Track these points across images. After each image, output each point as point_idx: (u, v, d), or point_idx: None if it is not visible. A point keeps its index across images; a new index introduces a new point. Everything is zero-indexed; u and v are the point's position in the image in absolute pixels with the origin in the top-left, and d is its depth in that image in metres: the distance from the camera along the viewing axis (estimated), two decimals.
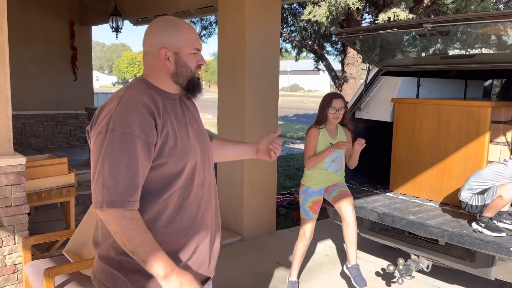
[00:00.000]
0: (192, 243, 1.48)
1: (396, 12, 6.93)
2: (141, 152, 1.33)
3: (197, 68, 1.50)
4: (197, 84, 1.51)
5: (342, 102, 3.09)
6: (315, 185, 3.18)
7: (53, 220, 4.55)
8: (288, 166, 8.20)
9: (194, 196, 1.47)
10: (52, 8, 8.45)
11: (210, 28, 10.76)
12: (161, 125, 1.38)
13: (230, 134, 4.37)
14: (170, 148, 1.40)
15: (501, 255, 2.60)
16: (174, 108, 1.48)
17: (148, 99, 1.41)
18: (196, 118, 1.60)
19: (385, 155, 3.99)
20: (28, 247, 2.65)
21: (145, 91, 1.44)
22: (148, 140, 1.35)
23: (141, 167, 1.34)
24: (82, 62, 9.06)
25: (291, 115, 21.71)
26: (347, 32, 3.82)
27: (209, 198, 1.54)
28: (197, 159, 1.48)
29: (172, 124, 1.42)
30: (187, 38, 1.47)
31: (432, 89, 4.14)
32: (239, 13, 4.19)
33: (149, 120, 1.36)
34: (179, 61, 1.46)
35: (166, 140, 1.39)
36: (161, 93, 1.47)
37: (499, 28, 3.61)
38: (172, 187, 1.41)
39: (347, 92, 8.34)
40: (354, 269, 3.11)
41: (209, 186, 1.55)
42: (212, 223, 1.57)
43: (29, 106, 8.39)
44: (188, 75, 1.48)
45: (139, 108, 1.36)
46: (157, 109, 1.40)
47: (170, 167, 1.40)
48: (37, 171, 3.51)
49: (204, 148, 1.55)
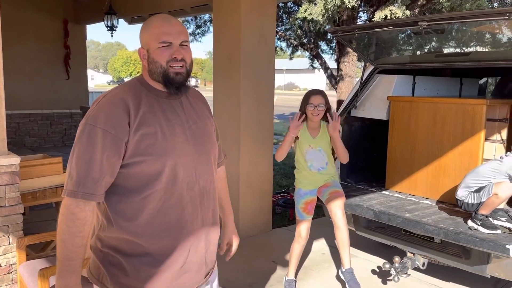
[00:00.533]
0: (176, 246, 1.45)
1: (393, 9, 6.93)
2: (108, 147, 1.35)
3: (171, 61, 1.43)
4: (172, 79, 1.44)
5: (321, 99, 3.02)
6: (305, 187, 3.18)
7: (48, 220, 4.52)
8: (284, 164, 8.20)
9: (178, 199, 1.44)
10: (46, 6, 8.41)
11: (204, 26, 10.71)
12: (136, 123, 1.38)
13: (226, 133, 4.36)
14: (147, 146, 1.38)
15: (497, 253, 2.61)
16: (165, 106, 1.47)
17: (130, 97, 1.41)
18: (200, 118, 1.56)
19: (381, 153, 3.99)
20: (22, 247, 2.63)
21: (133, 89, 1.45)
22: (117, 135, 1.35)
23: (106, 162, 1.35)
24: (77, 61, 9.03)
25: (287, 114, 21.70)
26: (342, 30, 3.82)
27: (200, 202, 1.50)
28: (179, 160, 1.43)
29: (154, 123, 1.41)
30: (153, 33, 1.44)
31: (428, 87, 4.14)
32: (234, 11, 4.17)
33: (121, 116, 1.36)
34: (149, 58, 1.45)
35: (142, 138, 1.38)
36: (154, 91, 1.47)
37: (494, 26, 3.62)
38: (151, 186, 1.40)
39: (343, 91, 8.34)
40: (348, 273, 3.11)
41: (201, 190, 1.50)
42: (206, 228, 1.53)
43: (24, 105, 8.34)
44: (159, 70, 1.44)
45: (114, 104, 1.39)
46: (137, 107, 1.40)
47: (148, 165, 1.39)
48: (31, 170, 3.48)
49: (201, 149, 1.51)
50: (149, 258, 1.43)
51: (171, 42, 1.43)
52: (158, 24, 1.45)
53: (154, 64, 1.44)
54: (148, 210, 1.41)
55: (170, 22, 1.45)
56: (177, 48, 1.44)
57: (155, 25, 1.45)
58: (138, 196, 1.40)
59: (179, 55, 1.43)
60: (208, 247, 1.56)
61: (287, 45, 10.47)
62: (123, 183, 1.41)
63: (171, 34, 1.43)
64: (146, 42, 1.46)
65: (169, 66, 1.43)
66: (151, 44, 1.44)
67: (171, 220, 1.44)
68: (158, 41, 1.42)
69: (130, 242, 1.42)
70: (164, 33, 1.43)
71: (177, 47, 1.44)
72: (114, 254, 1.44)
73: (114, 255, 1.44)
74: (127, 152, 1.38)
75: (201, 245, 1.52)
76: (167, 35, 1.43)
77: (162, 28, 1.43)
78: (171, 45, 1.43)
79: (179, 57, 1.43)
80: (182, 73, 1.45)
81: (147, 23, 1.49)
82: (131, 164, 1.38)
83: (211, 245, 1.58)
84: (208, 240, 1.55)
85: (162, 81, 1.45)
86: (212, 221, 1.57)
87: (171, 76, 1.44)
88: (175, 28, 1.44)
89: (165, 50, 1.43)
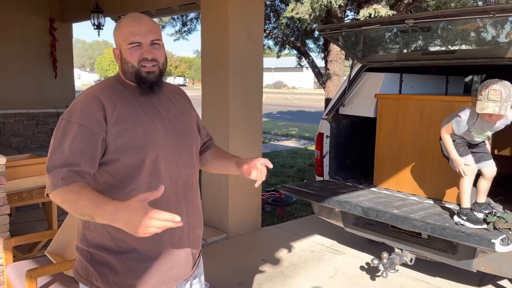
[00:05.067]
0: (162, 240, 1.45)
1: (377, 8, 6.98)
2: (83, 139, 1.34)
3: (143, 61, 1.42)
4: (144, 78, 1.43)
5: None
6: None
7: (35, 220, 4.47)
8: (273, 163, 8.18)
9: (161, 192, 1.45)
10: (31, 4, 8.30)
11: (191, 24, 10.66)
12: (114, 119, 1.38)
13: (215, 131, 4.35)
14: (127, 141, 1.39)
15: (482, 247, 2.65)
16: (144, 102, 1.47)
17: (106, 94, 1.42)
18: (180, 112, 1.57)
19: (369, 151, 4.02)
20: (9, 248, 2.60)
21: (109, 87, 1.46)
22: (94, 129, 1.35)
23: (80, 151, 1.34)
24: (63, 60, 8.92)
25: (274, 112, 21.75)
26: (330, 29, 3.84)
27: (184, 195, 1.52)
28: (161, 153, 1.44)
29: (133, 118, 1.41)
30: (122, 34, 1.44)
31: (414, 85, 4.19)
32: (222, 10, 4.16)
33: (97, 112, 1.37)
34: (122, 58, 1.46)
35: (122, 134, 1.38)
36: (131, 88, 1.48)
37: (479, 24, 3.67)
38: (134, 181, 1.41)
39: (331, 89, 8.38)
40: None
41: (185, 183, 1.52)
42: (190, 222, 1.54)
43: (9, 105, 8.23)
44: (131, 70, 1.44)
45: (89, 100, 1.40)
46: (114, 103, 1.40)
47: (130, 160, 1.40)
48: (17, 171, 3.44)
49: (182, 142, 1.52)
50: (136, 254, 1.44)
51: (140, 42, 1.42)
52: (127, 24, 1.44)
53: (126, 65, 1.45)
54: None
55: (139, 21, 1.44)
56: (147, 47, 1.43)
57: (124, 25, 1.45)
58: (122, 191, 1.40)
59: (149, 55, 1.42)
60: (193, 239, 1.57)
61: (274, 44, 10.48)
62: (106, 180, 1.42)
63: (140, 34, 1.42)
64: (118, 43, 1.46)
65: (140, 65, 1.43)
66: (123, 44, 1.44)
67: None
68: (127, 42, 1.42)
69: (116, 239, 1.43)
70: (133, 33, 1.42)
71: (147, 46, 1.43)
72: (100, 253, 1.44)
73: (101, 254, 1.44)
74: (108, 149, 1.38)
75: (187, 238, 1.53)
76: (135, 36, 1.42)
77: (131, 28, 1.43)
78: (141, 45, 1.42)
79: (149, 57, 1.42)
80: (154, 72, 1.44)
81: (118, 23, 1.49)
82: (113, 160, 1.39)
83: (196, 237, 1.59)
84: (193, 232, 1.56)
85: (134, 81, 1.46)
86: (197, 213, 1.59)
87: (143, 76, 1.43)
88: (144, 27, 1.43)
89: (135, 50, 1.42)
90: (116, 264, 1.43)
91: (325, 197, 3.47)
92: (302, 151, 9.88)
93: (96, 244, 1.45)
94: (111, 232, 1.42)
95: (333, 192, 3.59)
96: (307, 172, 7.03)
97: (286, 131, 13.74)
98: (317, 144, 4.16)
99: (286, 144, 11.09)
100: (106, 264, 1.44)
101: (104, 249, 1.44)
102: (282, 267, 3.70)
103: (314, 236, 4.40)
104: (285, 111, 22.83)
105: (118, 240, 1.43)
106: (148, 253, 1.45)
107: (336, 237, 4.30)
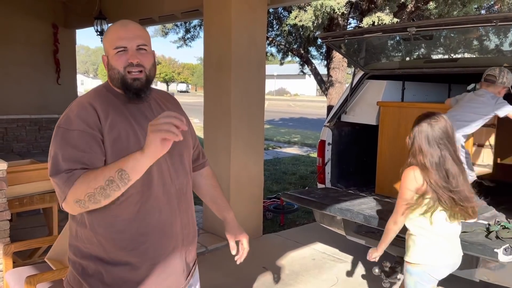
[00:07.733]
0: (157, 250, 1.44)
1: (381, 16, 7.00)
2: (85, 141, 1.32)
3: (128, 67, 1.40)
4: (130, 85, 1.40)
5: None
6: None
7: (35, 226, 4.46)
8: (275, 170, 8.20)
9: (155, 201, 1.42)
10: (35, 11, 8.33)
11: (194, 31, 10.68)
12: (107, 127, 1.36)
13: (217, 138, 4.35)
14: (120, 150, 1.35)
15: (485, 257, 2.63)
16: (134, 110, 1.44)
17: (98, 102, 1.40)
18: None
19: (371, 158, 4.01)
20: (9, 254, 2.59)
21: (99, 95, 1.44)
22: (94, 133, 1.34)
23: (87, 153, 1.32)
24: (66, 66, 8.94)
25: (277, 119, 21.76)
26: (333, 36, 3.85)
27: (178, 204, 1.49)
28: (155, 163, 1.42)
29: (125, 127, 1.39)
30: (109, 39, 1.43)
31: (417, 93, 4.18)
32: (224, 17, 4.18)
33: (92, 116, 1.36)
34: (109, 64, 1.44)
35: (114, 143, 1.36)
36: (120, 97, 1.45)
37: (481, 32, 3.67)
38: (126, 191, 1.35)
39: (333, 96, 8.37)
40: None
41: (178, 192, 1.50)
42: (184, 231, 1.52)
43: (11, 110, 8.24)
44: (117, 77, 1.41)
45: (84, 107, 1.38)
46: (106, 112, 1.38)
47: None
48: (18, 176, 3.44)
49: (173, 150, 1.45)
50: (129, 266, 1.41)
51: (125, 47, 1.39)
52: (114, 30, 1.43)
53: (112, 71, 1.42)
54: (125, 215, 1.39)
55: (126, 26, 1.42)
56: (133, 52, 1.40)
57: (111, 31, 1.44)
58: (115, 201, 1.36)
59: (134, 60, 1.39)
60: (188, 248, 1.55)
61: (277, 51, 10.50)
62: None
63: (126, 39, 1.40)
64: (106, 49, 1.45)
65: (126, 72, 1.40)
66: (109, 50, 1.42)
67: (149, 224, 1.42)
68: (113, 47, 1.40)
69: (108, 251, 1.40)
70: (119, 38, 1.40)
71: (133, 51, 1.40)
72: (92, 265, 1.41)
73: (93, 266, 1.41)
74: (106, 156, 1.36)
75: (181, 247, 1.51)
76: (121, 40, 1.39)
77: (117, 33, 1.41)
78: (127, 50, 1.40)
79: (135, 62, 1.39)
80: (140, 79, 1.41)
81: (107, 30, 1.47)
82: None
83: (190, 246, 1.57)
84: (188, 241, 1.55)
85: (120, 87, 1.43)
86: (191, 222, 1.57)
87: (128, 82, 1.41)
88: (131, 32, 1.41)
89: (122, 56, 1.40)
90: (106, 276, 1.40)
91: (327, 205, 3.45)
92: (304, 158, 9.87)
93: (88, 255, 1.42)
94: (104, 243, 1.40)
95: (335, 200, 3.58)
96: (309, 179, 7.01)
97: (288, 138, 13.72)
98: (319, 152, 4.15)
99: (288, 151, 11.08)
100: (96, 276, 1.41)
101: (96, 260, 1.41)
102: (283, 275, 3.67)
103: (316, 244, 4.38)
104: (288, 118, 22.83)
105: (112, 253, 1.40)
106: (142, 265, 1.42)
107: (337, 245, 4.27)
